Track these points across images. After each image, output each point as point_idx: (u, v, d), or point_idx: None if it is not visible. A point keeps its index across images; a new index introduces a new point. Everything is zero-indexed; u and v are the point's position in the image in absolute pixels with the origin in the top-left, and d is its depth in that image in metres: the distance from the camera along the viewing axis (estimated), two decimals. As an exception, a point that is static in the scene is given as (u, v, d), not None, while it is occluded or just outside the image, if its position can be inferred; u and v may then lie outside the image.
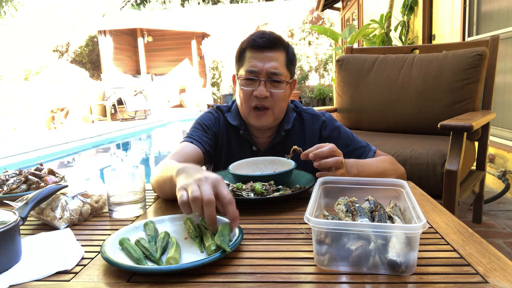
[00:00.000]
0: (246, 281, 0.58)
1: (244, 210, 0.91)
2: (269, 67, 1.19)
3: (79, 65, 12.59)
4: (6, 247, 0.64)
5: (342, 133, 1.29)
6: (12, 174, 1.11)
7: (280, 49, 1.22)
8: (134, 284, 0.59)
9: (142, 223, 0.77)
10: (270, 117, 1.23)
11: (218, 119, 1.33)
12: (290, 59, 1.25)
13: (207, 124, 1.31)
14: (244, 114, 1.26)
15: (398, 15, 4.77)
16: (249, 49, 1.22)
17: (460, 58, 2.07)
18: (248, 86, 1.21)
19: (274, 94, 1.21)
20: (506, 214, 2.50)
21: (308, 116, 1.33)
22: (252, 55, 1.21)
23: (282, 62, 1.22)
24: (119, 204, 0.90)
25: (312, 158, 0.96)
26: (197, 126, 1.31)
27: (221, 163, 1.29)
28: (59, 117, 8.80)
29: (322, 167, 0.96)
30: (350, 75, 2.45)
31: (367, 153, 1.24)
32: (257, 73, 1.19)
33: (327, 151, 0.96)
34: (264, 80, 1.19)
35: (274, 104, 1.21)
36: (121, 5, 16.59)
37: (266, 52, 1.20)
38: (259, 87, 1.19)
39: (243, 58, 1.24)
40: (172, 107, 12.51)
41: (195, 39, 12.28)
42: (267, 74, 1.19)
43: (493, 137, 3.21)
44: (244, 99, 1.23)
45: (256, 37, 1.21)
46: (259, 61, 1.19)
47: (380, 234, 0.59)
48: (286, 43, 1.25)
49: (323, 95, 11.04)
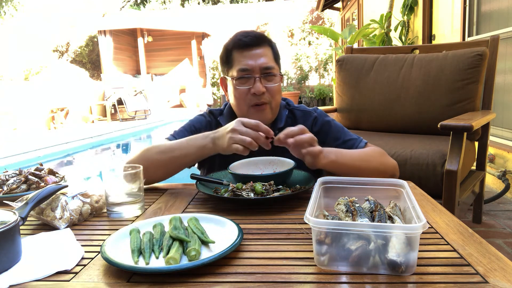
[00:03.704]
0: (246, 281, 0.58)
1: (244, 210, 0.91)
2: (261, 63, 1.20)
3: (79, 65, 12.59)
4: (6, 247, 0.64)
5: (333, 126, 1.30)
6: (12, 174, 1.11)
7: (265, 45, 1.23)
8: (134, 284, 0.59)
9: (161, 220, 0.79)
10: (269, 112, 1.24)
11: (210, 123, 1.33)
12: (276, 54, 1.27)
13: (196, 127, 1.31)
14: (242, 113, 1.26)
15: (398, 15, 4.77)
16: (236, 50, 1.22)
17: (460, 58, 2.07)
18: (243, 85, 1.21)
19: (270, 88, 1.21)
20: (506, 214, 2.50)
21: (300, 113, 1.33)
22: (241, 55, 1.21)
23: (271, 56, 1.24)
24: (117, 205, 0.90)
25: (283, 138, 0.95)
26: (186, 128, 1.31)
27: (215, 166, 1.27)
28: (59, 117, 8.80)
29: (298, 143, 0.94)
30: (350, 75, 2.45)
31: (357, 144, 1.24)
32: (251, 71, 1.20)
33: (298, 129, 0.95)
34: (259, 76, 1.20)
35: (271, 98, 1.23)
36: (121, 5, 16.59)
37: (254, 49, 1.21)
38: (256, 84, 1.19)
39: (231, 60, 1.24)
40: (172, 107, 12.50)
41: (195, 39, 12.28)
42: (261, 70, 1.20)
43: (493, 137, 3.21)
44: (241, 98, 1.23)
45: (241, 36, 1.22)
46: (250, 59, 1.20)
47: (380, 234, 0.59)
48: (269, 39, 1.27)
49: (323, 95, 11.04)
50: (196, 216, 0.79)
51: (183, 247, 0.68)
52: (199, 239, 0.70)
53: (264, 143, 0.98)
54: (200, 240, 0.69)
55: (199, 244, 0.68)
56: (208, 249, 0.69)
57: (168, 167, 1.12)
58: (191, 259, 0.63)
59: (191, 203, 0.99)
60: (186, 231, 0.72)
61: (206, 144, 1.05)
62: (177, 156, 1.10)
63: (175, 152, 1.10)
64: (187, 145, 1.09)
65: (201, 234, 0.71)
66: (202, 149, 1.06)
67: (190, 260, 0.63)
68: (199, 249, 0.66)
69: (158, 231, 0.73)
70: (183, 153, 1.09)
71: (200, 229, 0.73)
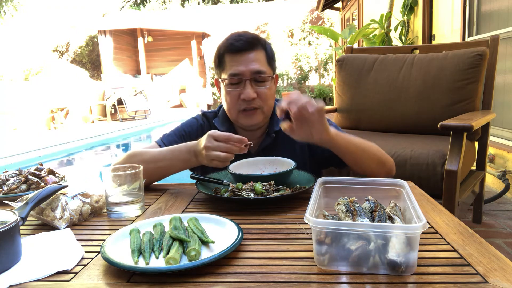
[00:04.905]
0: (246, 281, 0.58)
1: (244, 210, 0.91)
2: (252, 68, 1.18)
3: (79, 65, 12.60)
4: (6, 247, 0.64)
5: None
6: (12, 174, 1.11)
7: (258, 48, 1.21)
8: (134, 284, 0.59)
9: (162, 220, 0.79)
10: (260, 115, 1.23)
11: (203, 126, 1.33)
12: (270, 56, 1.25)
13: (187, 131, 1.31)
14: (233, 117, 1.26)
15: (398, 15, 4.77)
16: (228, 54, 1.21)
17: (460, 58, 2.07)
18: (234, 89, 1.20)
19: (261, 93, 1.20)
20: (506, 214, 2.50)
21: None
22: (232, 59, 1.20)
23: (263, 61, 1.22)
24: (117, 205, 0.90)
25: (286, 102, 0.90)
26: (175, 132, 1.31)
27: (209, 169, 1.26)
28: (59, 117, 8.80)
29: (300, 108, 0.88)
30: (350, 75, 2.45)
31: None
32: (241, 76, 1.19)
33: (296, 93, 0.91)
34: (249, 79, 1.18)
35: (263, 103, 1.21)
36: (121, 5, 16.60)
37: (246, 54, 1.19)
38: (246, 89, 1.18)
39: (223, 63, 1.23)
40: (172, 107, 12.50)
41: (195, 39, 12.28)
42: (251, 74, 1.18)
43: (493, 137, 3.21)
44: (232, 102, 1.22)
45: (233, 40, 1.20)
46: (241, 65, 1.18)
47: (380, 234, 0.59)
48: (263, 40, 1.25)
49: (323, 95, 11.05)
50: (196, 216, 0.79)
51: (183, 247, 0.68)
52: (199, 239, 0.70)
53: (238, 150, 0.99)
54: (200, 240, 0.69)
55: (199, 244, 0.68)
56: (208, 249, 0.69)
57: (152, 177, 1.13)
58: (191, 259, 0.63)
59: (191, 203, 0.99)
60: (186, 231, 0.72)
61: (190, 158, 1.07)
62: (162, 166, 1.11)
63: (159, 163, 1.10)
64: (171, 157, 1.10)
65: (201, 234, 0.71)
66: (187, 162, 1.08)
67: (190, 260, 0.63)
68: (199, 249, 0.66)
69: (158, 231, 0.73)
70: (167, 164, 1.10)
71: (200, 229, 0.73)
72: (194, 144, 1.07)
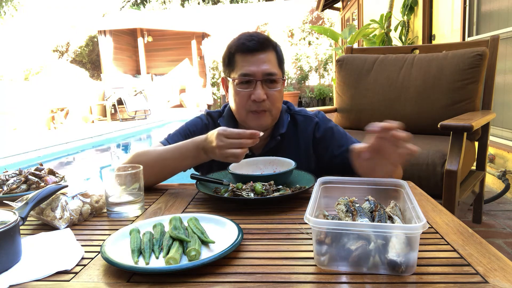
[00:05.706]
0: (246, 281, 0.58)
1: (244, 210, 0.91)
2: (263, 69, 1.17)
3: (79, 65, 12.59)
4: (6, 247, 0.64)
5: (336, 133, 1.27)
6: (12, 174, 1.11)
7: (270, 49, 1.20)
8: (134, 284, 0.59)
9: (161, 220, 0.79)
10: (268, 118, 1.22)
11: (207, 126, 1.32)
12: (280, 58, 1.24)
13: (191, 130, 1.30)
14: (241, 118, 1.24)
15: (398, 15, 4.77)
16: (239, 53, 1.19)
17: (460, 58, 2.07)
18: (244, 89, 1.19)
19: (271, 95, 1.19)
20: (506, 214, 2.50)
21: (301, 118, 1.30)
22: (243, 59, 1.18)
23: (274, 62, 1.20)
24: (117, 205, 0.90)
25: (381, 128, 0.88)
26: (180, 132, 1.30)
27: (213, 168, 1.25)
28: (59, 117, 8.80)
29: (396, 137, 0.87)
30: (350, 75, 2.45)
31: None
32: (252, 76, 1.17)
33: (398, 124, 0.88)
34: (261, 80, 1.17)
35: (272, 106, 1.20)
36: (121, 5, 16.60)
37: (258, 54, 1.17)
38: (256, 90, 1.17)
39: (233, 63, 1.21)
40: (172, 107, 12.50)
41: (195, 39, 12.28)
42: (263, 76, 1.17)
43: (493, 137, 3.21)
44: (241, 103, 1.20)
45: (245, 40, 1.19)
46: (253, 65, 1.17)
47: (380, 234, 0.59)
48: (274, 42, 1.24)
49: (323, 95, 11.05)
50: (196, 216, 0.79)
51: (183, 247, 0.68)
52: (199, 239, 0.70)
53: (252, 143, 0.99)
54: (200, 240, 0.69)
55: (199, 244, 0.68)
56: (208, 249, 0.69)
57: (158, 175, 1.13)
58: (191, 259, 0.63)
59: (191, 203, 0.99)
60: (186, 231, 0.72)
61: (198, 155, 1.06)
62: (169, 164, 1.10)
63: (167, 161, 1.10)
64: (179, 154, 1.09)
65: (201, 234, 0.71)
66: (195, 158, 1.08)
67: (190, 260, 0.63)
68: (199, 249, 0.66)
69: (158, 231, 0.73)
70: (175, 161, 1.10)
71: (200, 229, 0.73)
72: (201, 140, 1.05)
